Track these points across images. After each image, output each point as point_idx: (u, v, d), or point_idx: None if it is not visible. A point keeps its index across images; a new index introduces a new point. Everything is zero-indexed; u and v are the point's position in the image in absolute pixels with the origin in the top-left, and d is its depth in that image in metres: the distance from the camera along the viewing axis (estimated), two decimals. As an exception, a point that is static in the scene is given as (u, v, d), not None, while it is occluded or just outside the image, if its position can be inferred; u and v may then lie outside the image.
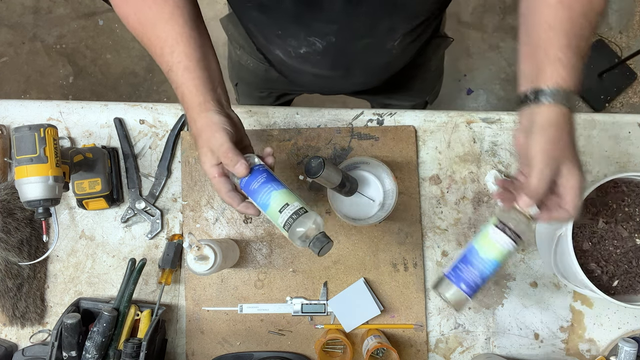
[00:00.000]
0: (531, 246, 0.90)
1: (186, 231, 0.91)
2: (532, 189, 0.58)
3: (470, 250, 0.63)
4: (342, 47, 0.74)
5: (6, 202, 0.84)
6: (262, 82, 1.06)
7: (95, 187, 0.86)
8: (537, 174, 0.57)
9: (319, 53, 0.75)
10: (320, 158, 0.68)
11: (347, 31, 0.71)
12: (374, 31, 0.72)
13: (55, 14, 2.09)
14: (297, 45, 0.75)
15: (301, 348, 0.89)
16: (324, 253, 0.62)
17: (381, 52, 0.78)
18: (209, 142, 0.64)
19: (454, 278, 0.62)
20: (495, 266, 0.62)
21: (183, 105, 0.67)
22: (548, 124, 0.57)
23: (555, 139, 0.57)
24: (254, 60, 0.98)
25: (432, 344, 0.90)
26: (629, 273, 0.82)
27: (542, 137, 0.57)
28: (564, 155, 0.58)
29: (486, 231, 0.63)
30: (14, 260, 0.85)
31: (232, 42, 1.03)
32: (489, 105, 2.06)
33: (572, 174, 0.58)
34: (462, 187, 0.91)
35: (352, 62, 0.80)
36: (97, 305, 0.86)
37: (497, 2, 2.07)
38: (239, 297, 0.90)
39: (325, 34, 0.71)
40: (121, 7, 0.69)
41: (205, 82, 0.66)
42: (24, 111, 0.94)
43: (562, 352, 0.90)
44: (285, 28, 0.73)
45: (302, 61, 0.80)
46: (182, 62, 0.65)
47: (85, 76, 2.07)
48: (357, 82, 0.90)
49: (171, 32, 0.66)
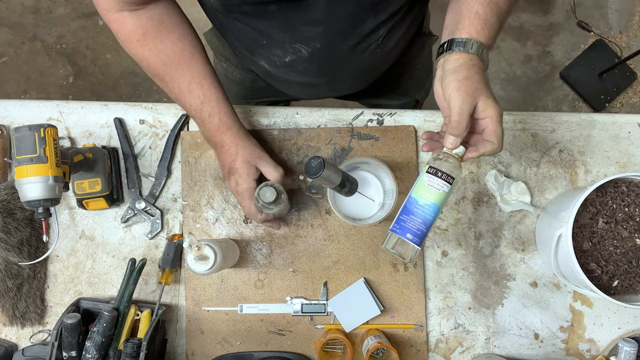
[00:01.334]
0: (531, 246, 0.90)
1: (186, 231, 0.91)
2: (453, 126, 0.61)
3: (409, 201, 0.66)
4: (328, 52, 0.75)
5: (6, 202, 0.84)
6: (250, 93, 1.07)
7: (95, 187, 0.86)
8: (455, 110, 0.61)
9: (305, 60, 0.76)
10: (320, 158, 0.68)
11: (331, 33, 0.71)
12: (357, 31, 0.72)
13: (55, 14, 2.09)
14: (282, 54, 0.76)
15: (301, 348, 0.89)
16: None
17: (366, 54, 0.78)
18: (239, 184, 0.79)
19: (399, 230, 0.64)
20: (436, 210, 0.64)
21: (214, 133, 0.78)
22: (458, 66, 0.63)
23: (466, 77, 0.61)
24: (240, 72, 0.99)
25: (432, 344, 0.90)
26: (629, 273, 0.82)
27: (454, 77, 0.62)
28: (478, 90, 0.62)
29: (421, 179, 0.65)
30: (14, 260, 0.85)
31: (217, 56, 1.03)
32: (489, 105, 2.06)
33: (488, 105, 0.62)
34: (462, 187, 0.91)
35: (338, 67, 0.81)
36: (97, 305, 0.86)
37: (497, 2, 2.07)
38: (239, 297, 0.90)
39: (311, 39, 0.72)
40: (137, 50, 0.74)
41: (233, 112, 0.79)
42: (24, 111, 0.94)
43: (562, 352, 0.90)
44: (270, 36, 0.73)
45: (288, 70, 0.80)
46: (214, 94, 0.75)
47: (85, 76, 2.07)
48: (344, 86, 0.91)
49: (195, 70, 0.75)
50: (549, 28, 2.07)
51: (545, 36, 2.07)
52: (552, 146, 0.92)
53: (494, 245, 0.91)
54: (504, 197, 0.90)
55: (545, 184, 0.91)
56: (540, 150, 0.92)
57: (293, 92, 0.96)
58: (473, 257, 0.90)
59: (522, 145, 0.92)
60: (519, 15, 2.07)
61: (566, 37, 2.07)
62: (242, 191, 0.78)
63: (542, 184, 0.91)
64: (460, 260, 0.90)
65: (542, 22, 2.07)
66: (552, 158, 0.92)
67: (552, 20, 2.08)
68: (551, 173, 0.92)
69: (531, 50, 2.07)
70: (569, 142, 0.92)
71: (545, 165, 0.92)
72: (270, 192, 0.74)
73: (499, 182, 0.89)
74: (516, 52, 2.07)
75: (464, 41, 0.63)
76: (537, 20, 2.08)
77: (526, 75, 2.07)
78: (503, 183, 0.89)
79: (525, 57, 2.07)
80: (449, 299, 0.90)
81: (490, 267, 0.90)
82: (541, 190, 0.91)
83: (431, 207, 0.64)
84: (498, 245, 0.91)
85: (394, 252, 0.65)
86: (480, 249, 0.90)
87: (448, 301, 0.90)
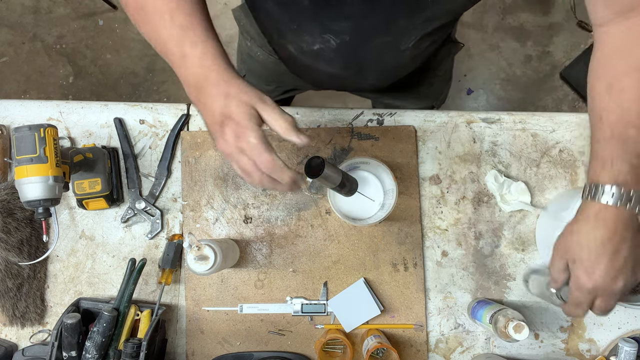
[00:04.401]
0: (531, 246, 0.90)
1: (186, 231, 0.91)
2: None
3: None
4: (356, 46, 0.73)
5: (6, 202, 0.84)
6: (271, 75, 1.05)
7: (95, 187, 0.86)
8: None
9: (333, 50, 0.74)
10: (320, 158, 0.68)
11: (362, 29, 0.70)
12: (390, 31, 0.71)
13: (55, 14, 2.09)
14: (311, 41, 0.74)
15: (301, 348, 0.89)
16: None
17: (394, 53, 0.77)
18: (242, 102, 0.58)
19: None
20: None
21: (196, 68, 0.60)
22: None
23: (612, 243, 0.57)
24: (264, 53, 0.97)
25: (432, 344, 0.90)
26: (629, 273, 0.81)
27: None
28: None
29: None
30: (14, 260, 0.85)
31: (242, 34, 1.01)
32: (489, 105, 2.06)
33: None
34: (462, 187, 0.91)
35: (365, 62, 0.79)
36: (97, 305, 0.86)
37: (497, 2, 2.07)
38: (239, 297, 0.90)
39: (340, 32, 0.70)
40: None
41: (223, 49, 0.63)
42: (24, 111, 0.94)
43: (562, 352, 0.90)
44: (301, 23, 0.71)
45: (315, 58, 0.78)
46: (202, 24, 0.61)
47: (85, 76, 2.07)
48: (366, 82, 0.89)
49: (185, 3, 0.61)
50: (549, 28, 2.07)
51: (545, 36, 2.07)
52: (552, 146, 0.92)
53: (494, 245, 0.91)
54: (504, 197, 0.90)
55: (545, 184, 0.91)
56: (540, 150, 0.92)
57: (314, 80, 0.93)
58: (473, 257, 0.90)
59: (522, 145, 0.92)
60: (519, 15, 2.07)
61: (566, 37, 2.07)
62: (255, 144, 0.56)
63: (542, 184, 0.91)
64: (460, 260, 0.90)
65: (542, 22, 2.07)
66: (552, 158, 0.92)
67: (552, 20, 2.07)
68: (551, 173, 0.92)
69: (531, 50, 2.07)
70: (569, 142, 0.92)
71: (545, 165, 0.92)
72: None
73: (499, 182, 0.89)
74: (516, 52, 2.07)
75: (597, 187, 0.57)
76: (537, 20, 2.07)
77: (526, 75, 2.07)
78: (503, 183, 0.89)
79: (525, 57, 2.07)
80: (449, 299, 0.90)
81: (490, 267, 0.90)
82: (541, 190, 0.91)
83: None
84: (498, 245, 0.91)
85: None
86: (480, 249, 0.90)
87: (448, 301, 0.90)
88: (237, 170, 0.60)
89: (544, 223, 0.88)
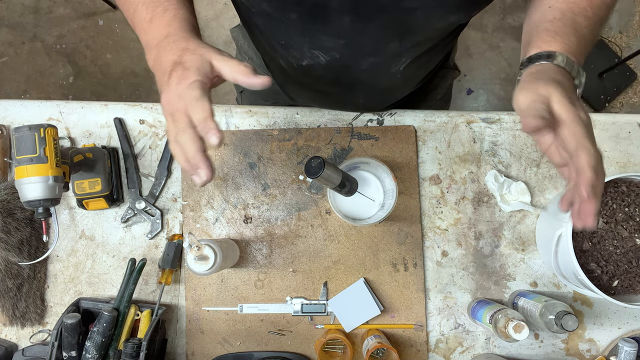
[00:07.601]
0: (531, 246, 0.90)
1: (186, 231, 0.91)
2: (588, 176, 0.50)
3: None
4: (346, 64, 0.73)
5: (6, 202, 0.84)
6: (269, 94, 1.06)
7: (95, 187, 0.86)
8: (583, 147, 0.51)
9: (322, 67, 0.74)
10: (320, 158, 0.68)
11: (352, 48, 0.69)
12: (380, 52, 0.70)
13: (55, 14, 2.09)
14: (300, 56, 0.74)
15: (301, 348, 0.89)
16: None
17: (385, 75, 0.77)
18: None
19: None
20: None
21: (160, 29, 0.59)
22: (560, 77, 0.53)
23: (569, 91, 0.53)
24: (261, 72, 0.98)
25: (432, 344, 0.90)
26: (629, 273, 0.82)
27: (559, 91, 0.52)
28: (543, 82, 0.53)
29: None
30: (14, 260, 0.85)
31: (240, 54, 1.02)
32: (489, 105, 2.06)
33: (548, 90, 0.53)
34: (462, 187, 0.91)
35: (354, 81, 0.79)
36: (97, 305, 0.86)
37: (497, 2, 2.07)
38: (239, 297, 0.90)
39: (330, 49, 0.70)
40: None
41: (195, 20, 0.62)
42: (24, 111, 0.94)
43: (562, 352, 0.90)
44: (290, 38, 0.72)
45: (305, 74, 0.78)
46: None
47: (85, 76, 2.07)
48: (357, 102, 0.89)
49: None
50: (549, 28, 2.07)
51: (545, 36, 2.07)
52: (552, 146, 0.92)
53: (494, 245, 0.91)
54: (504, 197, 0.90)
55: (545, 184, 0.91)
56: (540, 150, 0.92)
57: (305, 99, 0.94)
58: (473, 257, 0.90)
59: (522, 145, 0.92)
60: (519, 15, 2.07)
61: (566, 37, 2.07)
62: (190, 84, 0.52)
63: (542, 184, 0.91)
64: (460, 260, 0.90)
65: (542, 22, 2.07)
66: (552, 158, 0.92)
67: (552, 20, 2.07)
68: (551, 173, 0.92)
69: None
70: (569, 142, 0.92)
71: (545, 165, 0.92)
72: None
73: (499, 182, 0.89)
74: (516, 52, 2.07)
75: (564, 58, 0.55)
76: (537, 20, 2.07)
77: (526, 75, 2.06)
78: (503, 183, 0.89)
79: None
80: (449, 299, 0.90)
81: (490, 267, 0.90)
82: (541, 190, 0.91)
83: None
84: (498, 245, 0.91)
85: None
86: (480, 249, 0.90)
87: (448, 301, 0.90)
88: (168, 135, 0.54)
89: (544, 223, 0.88)
